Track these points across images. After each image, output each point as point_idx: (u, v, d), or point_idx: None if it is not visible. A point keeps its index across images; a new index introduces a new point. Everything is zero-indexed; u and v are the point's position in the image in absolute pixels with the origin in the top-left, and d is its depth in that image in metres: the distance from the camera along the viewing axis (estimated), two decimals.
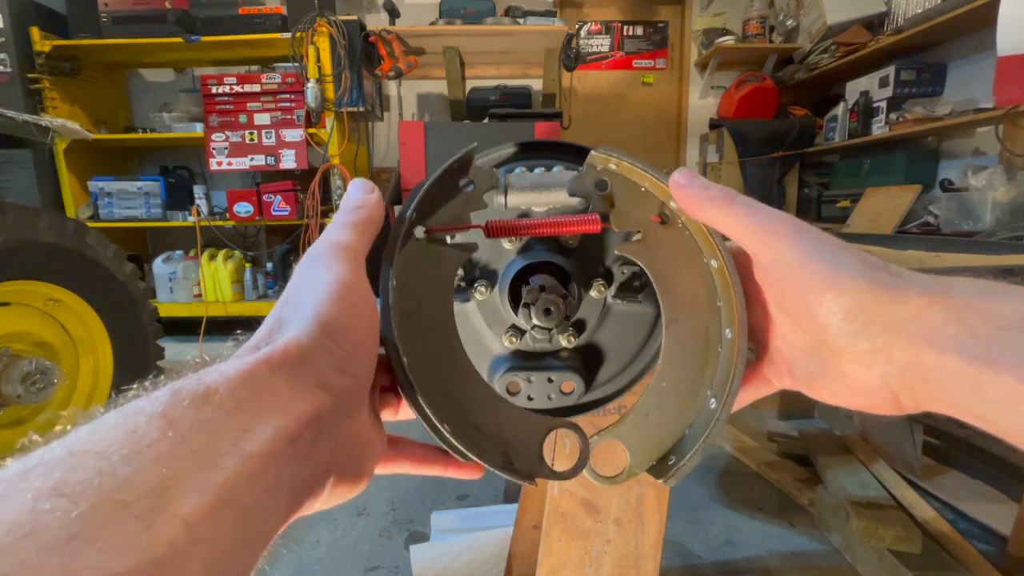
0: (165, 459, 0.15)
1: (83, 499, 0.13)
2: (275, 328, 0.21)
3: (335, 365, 0.21)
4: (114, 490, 0.14)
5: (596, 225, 0.32)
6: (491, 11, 2.66)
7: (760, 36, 3.43)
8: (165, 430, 0.15)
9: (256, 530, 0.17)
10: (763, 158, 3.20)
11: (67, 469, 0.14)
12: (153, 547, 0.14)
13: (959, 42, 2.47)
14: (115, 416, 0.16)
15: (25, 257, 1.25)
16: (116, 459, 0.14)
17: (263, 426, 0.18)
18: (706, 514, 1.35)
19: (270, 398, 0.18)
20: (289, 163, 2.68)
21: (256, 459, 0.17)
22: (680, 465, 0.29)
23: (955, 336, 0.20)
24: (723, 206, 0.26)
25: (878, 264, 0.24)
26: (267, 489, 0.17)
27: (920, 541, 1.09)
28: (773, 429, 1.73)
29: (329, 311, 0.21)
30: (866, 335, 0.22)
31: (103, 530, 0.13)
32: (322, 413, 0.20)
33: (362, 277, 0.24)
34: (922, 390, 0.22)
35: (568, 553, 0.48)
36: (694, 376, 0.31)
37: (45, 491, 0.13)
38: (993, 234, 1.85)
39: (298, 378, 0.19)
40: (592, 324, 0.41)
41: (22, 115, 1.49)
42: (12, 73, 2.59)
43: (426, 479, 1.53)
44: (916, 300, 0.21)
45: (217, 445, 0.16)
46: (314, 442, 0.19)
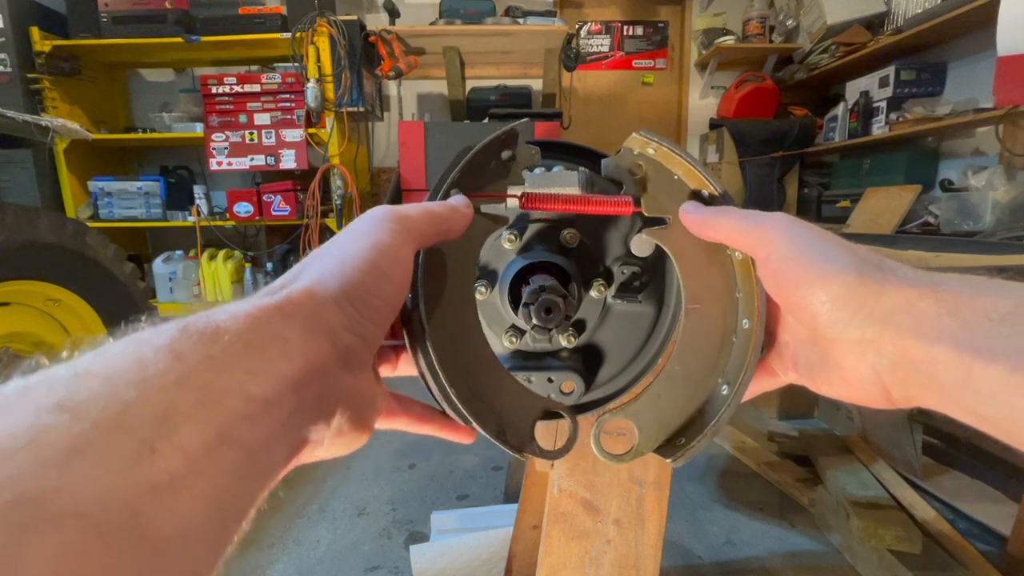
0: (170, 390, 0.15)
1: (86, 417, 0.13)
2: (294, 277, 0.22)
3: (347, 324, 0.21)
4: (117, 413, 0.14)
5: (628, 207, 0.32)
6: (491, 11, 2.65)
7: (760, 36, 3.42)
8: (172, 363, 0.16)
9: (257, 470, 0.17)
10: (763, 158, 3.20)
11: (71, 388, 0.14)
12: (152, 472, 0.14)
13: (959, 42, 2.47)
14: (122, 345, 0.16)
15: (25, 257, 1.25)
16: (121, 384, 0.14)
17: (269, 370, 0.18)
18: (706, 514, 1.35)
19: (279, 345, 0.19)
20: (289, 163, 2.68)
21: (259, 402, 0.17)
22: (689, 446, 0.30)
23: (946, 328, 0.20)
24: (722, 219, 0.28)
25: (869, 258, 0.24)
26: (269, 431, 0.18)
27: (920, 541, 1.09)
28: (773, 429, 1.73)
29: (354, 275, 0.22)
30: (855, 324, 0.23)
31: (104, 449, 0.13)
32: (327, 366, 0.20)
33: (404, 247, 0.24)
34: (913, 382, 0.22)
35: (568, 553, 0.48)
36: (708, 362, 0.31)
37: (47, 406, 0.13)
38: (993, 234, 1.85)
39: (308, 329, 0.20)
40: (592, 324, 0.41)
41: (22, 115, 1.49)
42: (12, 73, 2.59)
43: (426, 479, 1.53)
44: (906, 292, 0.22)
45: (222, 383, 0.16)
46: (317, 392, 0.20)
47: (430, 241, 0.26)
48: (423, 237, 0.25)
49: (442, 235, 0.27)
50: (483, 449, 1.69)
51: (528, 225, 0.40)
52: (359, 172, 2.94)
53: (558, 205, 0.33)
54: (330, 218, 2.69)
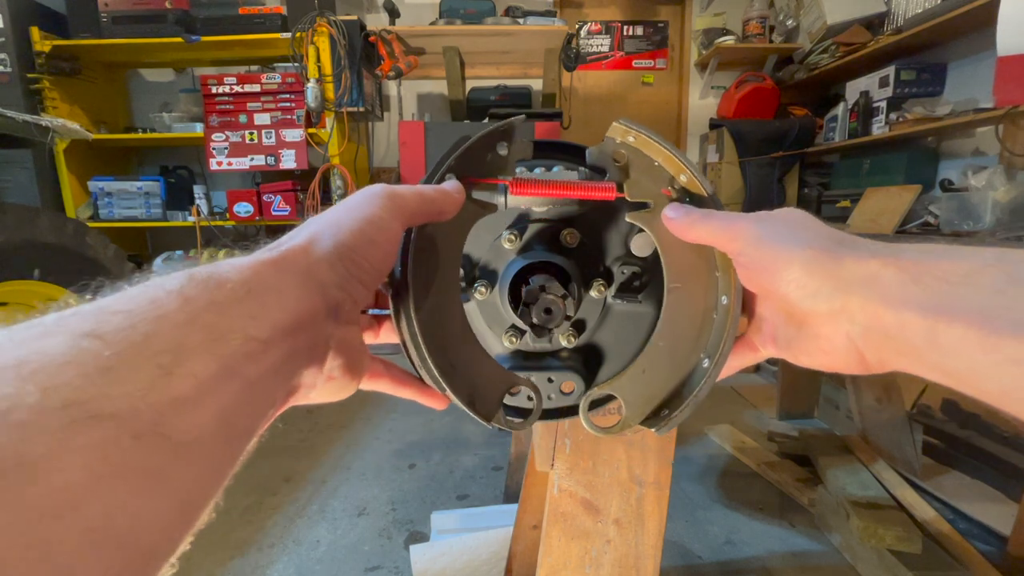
0: (181, 327, 0.17)
1: (114, 343, 0.16)
2: (290, 238, 0.24)
3: (337, 282, 0.24)
4: (139, 342, 0.16)
5: (611, 193, 0.34)
6: (491, 11, 2.65)
7: (760, 36, 3.42)
8: (182, 304, 0.18)
9: (256, 401, 0.20)
10: (763, 158, 3.20)
11: (99, 320, 0.16)
12: (171, 390, 0.16)
13: (959, 42, 2.47)
14: (137, 288, 0.18)
15: (25, 257, 1.25)
16: (139, 320, 0.17)
17: (266, 316, 0.20)
18: (706, 514, 1.35)
19: (275, 294, 0.21)
20: (289, 163, 2.68)
21: (258, 342, 0.19)
22: (672, 416, 0.32)
23: (910, 293, 0.22)
24: (700, 223, 0.31)
25: (832, 235, 0.27)
26: (266, 368, 0.20)
27: (920, 541, 1.09)
28: (773, 429, 1.73)
29: (347, 238, 0.24)
30: (823, 297, 0.25)
31: (130, 369, 0.16)
32: (317, 316, 0.23)
33: (394, 221, 0.26)
34: (884, 346, 0.24)
35: (568, 553, 0.48)
36: (690, 338, 0.33)
37: (82, 332, 0.16)
38: (993, 234, 1.85)
39: (301, 282, 0.22)
40: (592, 324, 0.41)
41: (22, 115, 1.49)
42: (12, 73, 2.59)
43: (426, 479, 1.53)
44: (867, 263, 0.24)
45: (226, 324, 0.19)
46: (309, 339, 0.22)
47: (420, 220, 0.28)
48: (413, 216, 0.28)
49: (433, 216, 0.29)
50: (483, 449, 1.69)
51: (528, 225, 0.40)
52: (359, 172, 2.94)
53: (545, 190, 0.34)
54: None
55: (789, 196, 3.33)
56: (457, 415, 1.93)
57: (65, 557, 0.13)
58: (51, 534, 0.13)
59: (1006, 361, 0.19)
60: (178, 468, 0.16)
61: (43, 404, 0.13)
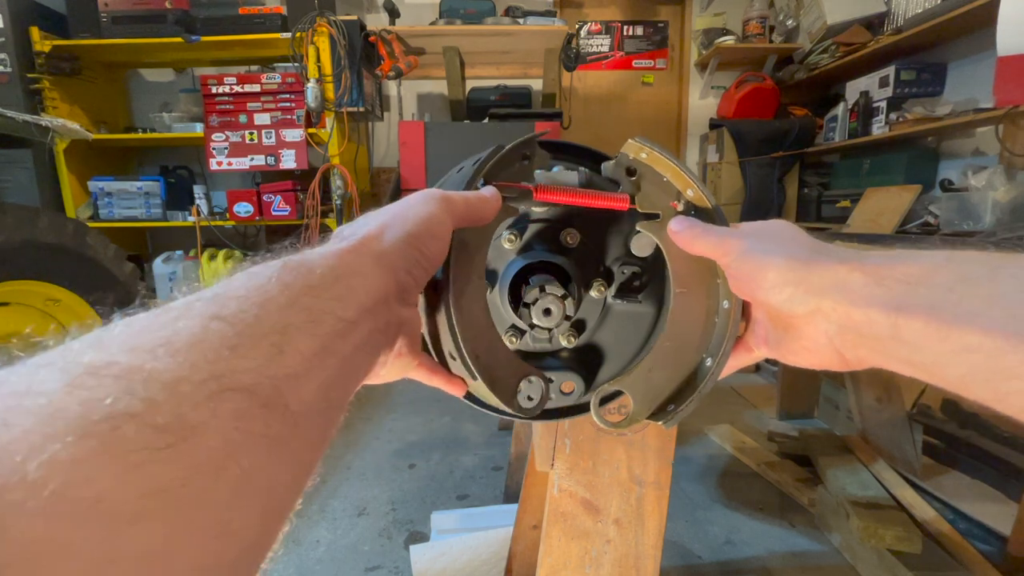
0: (284, 310, 0.20)
1: (235, 324, 0.18)
2: (359, 227, 0.27)
3: (405, 266, 0.26)
4: (253, 323, 0.18)
5: (625, 203, 0.36)
6: (491, 11, 2.65)
7: (760, 36, 3.42)
8: (282, 289, 0.20)
9: (348, 376, 0.22)
10: (763, 158, 3.20)
11: (219, 305, 0.18)
12: (284, 366, 0.18)
13: (959, 42, 2.47)
14: (242, 276, 0.20)
15: (25, 257, 1.25)
16: (249, 304, 0.19)
17: (351, 298, 0.23)
18: (706, 514, 1.35)
19: (358, 278, 0.23)
20: (289, 163, 2.68)
21: (347, 322, 0.22)
22: (678, 411, 0.35)
23: (874, 294, 0.25)
24: (702, 237, 0.34)
25: (809, 245, 0.30)
26: (354, 346, 0.22)
27: (920, 541, 1.09)
28: (773, 429, 1.73)
29: (414, 229, 0.27)
30: (798, 301, 0.28)
31: (251, 348, 0.18)
32: (390, 297, 0.25)
33: (447, 220, 0.29)
34: (858, 343, 0.27)
35: (568, 553, 0.48)
36: (694, 339, 0.36)
37: (208, 315, 0.18)
38: (993, 234, 1.85)
39: (378, 265, 0.25)
40: (592, 324, 0.41)
41: (22, 115, 1.49)
42: (12, 73, 2.59)
43: (426, 479, 1.53)
44: (836, 269, 0.27)
45: (320, 306, 0.21)
46: (384, 318, 0.25)
47: (465, 223, 0.31)
48: (461, 219, 0.30)
49: (475, 220, 0.31)
50: (483, 449, 1.69)
51: (528, 225, 0.40)
52: (359, 172, 2.94)
53: (566, 197, 0.36)
54: (330, 218, 2.69)
55: (789, 196, 3.33)
56: (457, 415, 1.93)
57: (222, 508, 0.15)
58: (210, 487, 0.14)
59: (961, 349, 0.21)
60: (296, 435, 0.18)
61: (191, 377, 0.15)
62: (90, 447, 0.12)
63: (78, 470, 0.12)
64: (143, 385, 0.14)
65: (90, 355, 0.15)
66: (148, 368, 0.15)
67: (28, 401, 0.13)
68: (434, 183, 0.43)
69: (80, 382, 0.14)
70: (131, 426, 0.13)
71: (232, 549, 0.15)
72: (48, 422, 0.12)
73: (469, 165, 0.37)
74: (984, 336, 0.21)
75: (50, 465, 0.12)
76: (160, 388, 0.14)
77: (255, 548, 0.16)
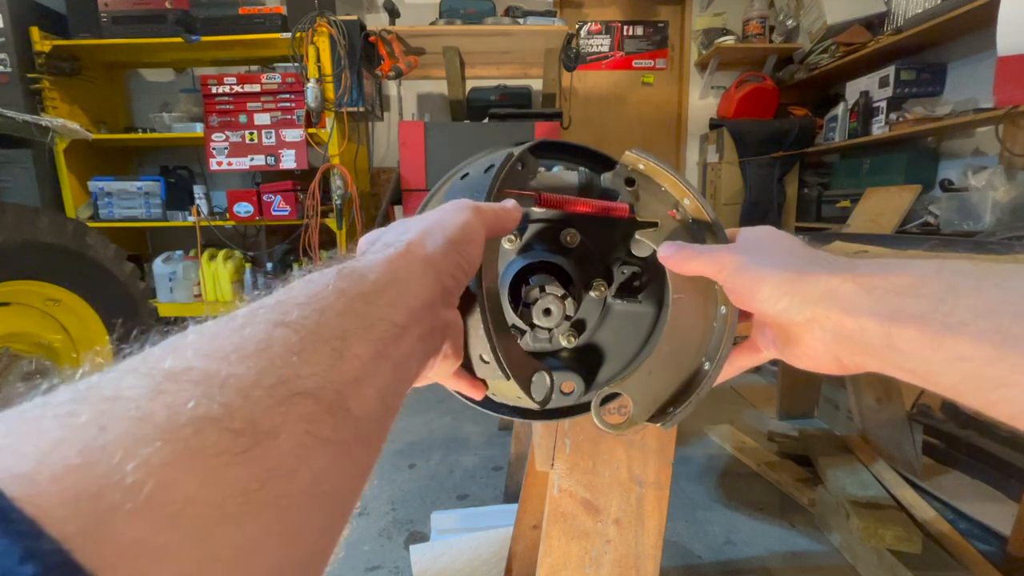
0: (341, 316, 0.20)
1: (298, 331, 0.18)
2: (402, 232, 0.28)
3: (449, 269, 0.27)
4: (314, 330, 0.19)
5: (625, 212, 0.37)
6: (491, 11, 2.65)
7: (760, 36, 3.42)
8: (338, 296, 0.21)
9: (400, 380, 0.23)
10: (763, 158, 3.20)
11: (282, 312, 0.19)
12: (345, 371, 0.19)
13: (959, 42, 2.47)
14: (300, 284, 0.21)
15: (25, 257, 1.25)
16: (309, 311, 0.19)
17: (402, 303, 0.23)
18: (706, 514, 1.35)
19: (407, 283, 0.24)
20: (289, 163, 2.68)
21: (400, 327, 0.22)
22: (676, 413, 0.36)
23: (866, 304, 0.26)
24: (693, 259, 0.35)
25: (803, 256, 0.31)
26: (407, 349, 0.23)
27: (920, 541, 1.09)
28: (773, 429, 1.73)
29: (455, 234, 0.28)
30: (794, 310, 0.29)
31: (313, 353, 0.18)
32: (435, 301, 0.26)
33: (481, 228, 0.30)
34: (855, 351, 0.27)
35: (568, 553, 0.48)
36: (692, 343, 0.37)
37: (273, 321, 0.18)
38: (993, 234, 1.85)
39: (424, 270, 0.25)
40: (592, 324, 0.41)
41: (22, 115, 1.49)
42: (12, 73, 2.59)
43: (426, 479, 1.53)
44: (829, 279, 0.27)
45: (374, 312, 0.22)
46: (431, 321, 0.26)
47: (493, 234, 0.32)
48: (491, 229, 0.31)
49: (501, 231, 0.32)
50: (483, 449, 1.69)
51: (528, 225, 0.40)
52: (359, 172, 2.94)
53: (567, 205, 0.37)
54: (330, 218, 2.69)
55: (789, 196, 3.33)
56: (457, 415, 1.93)
57: (295, 512, 0.15)
58: (284, 491, 0.15)
59: (953, 358, 0.22)
60: (357, 439, 0.18)
61: (261, 382, 0.16)
62: (177, 451, 0.13)
63: (168, 473, 0.12)
64: (220, 390, 0.15)
65: (169, 361, 0.15)
66: (224, 374, 0.15)
67: (119, 407, 0.13)
68: (434, 183, 0.43)
69: (163, 387, 0.14)
70: (212, 430, 0.14)
71: (304, 551, 0.16)
72: (138, 426, 0.13)
73: (476, 172, 0.37)
74: (974, 346, 0.21)
75: (145, 468, 0.12)
76: (235, 393, 0.15)
77: (324, 551, 0.17)
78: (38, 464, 0.11)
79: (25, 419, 0.13)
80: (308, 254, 2.70)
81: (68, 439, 0.12)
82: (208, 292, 2.81)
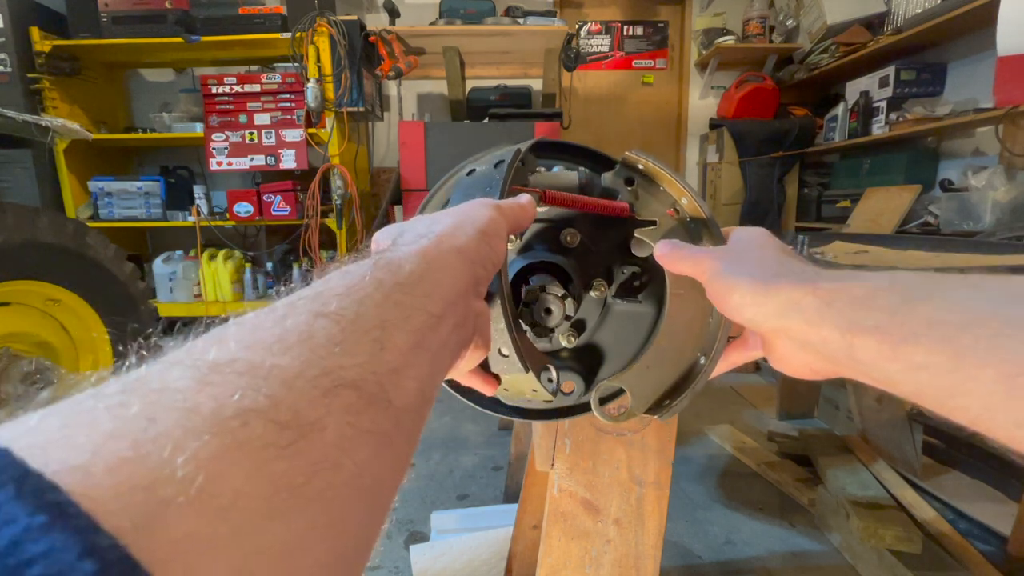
0: (380, 306, 0.20)
1: (339, 321, 0.18)
2: (431, 224, 0.28)
3: (479, 260, 0.27)
4: (353, 320, 0.19)
5: (626, 211, 0.38)
6: (491, 11, 2.65)
7: (760, 36, 3.42)
8: (376, 286, 0.21)
9: (437, 370, 0.23)
10: (763, 158, 3.20)
11: (321, 303, 0.19)
12: (386, 362, 0.19)
13: (959, 42, 2.47)
14: (337, 275, 0.21)
15: (25, 257, 1.25)
16: (348, 302, 0.19)
17: (437, 293, 0.23)
18: (706, 514, 1.35)
19: (442, 272, 0.24)
20: (289, 163, 2.68)
21: (435, 317, 0.22)
22: (672, 406, 0.37)
23: (826, 315, 0.27)
24: (682, 259, 0.35)
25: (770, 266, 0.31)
26: (442, 340, 0.23)
27: (920, 541, 1.09)
28: (773, 429, 1.73)
29: (485, 226, 0.29)
30: (762, 319, 0.30)
31: (354, 344, 0.18)
32: (467, 290, 0.26)
33: (503, 223, 0.31)
34: (820, 359, 0.28)
35: (568, 553, 0.48)
36: (689, 339, 0.38)
37: (313, 312, 0.18)
38: (993, 234, 1.85)
39: (458, 259, 0.26)
40: (592, 324, 0.41)
41: (22, 115, 1.49)
42: (12, 73, 2.59)
43: (426, 479, 1.53)
44: (791, 292, 0.28)
45: (411, 302, 0.22)
46: (463, 311, 0.26)
47: (514, 230, 0.32)
48: (512, 225, 0.32)
49: (518, 228, 0.33)
50: (483, 449, 1.69)
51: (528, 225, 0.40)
52: (359, 172, 2.94)
53: (570, 203, 0.37)
54: (330, 218, 2.69)
55: (789, 196, 3.33)
56: (457, 415, 1.93)
57: (340, 505, 0.15)
58: (329, 485, 0.15)
59: (909, 367, 0.23)
60: (398, 431, 0.18)
61: (305, 373, 0.16)
62: (224, 444, 0.13)
63: (216, 466, 0.12)
64: (265, 381, 0.15)
65: (214, 352, 0.15)
66: (268, 365, 0.15)
67: (167, 398, 0.13)
68: (434, 183, 0.43)
69: (209, 379, 0.14)
70: (259, 423, 0.14)
71: (349, 544, 0.16)
72: (187, 418, 0.13)
73: (485, 168, 0.37)
74: (928, 356, 0.22)
75: (195, 462, 0.12)
76: (280, 384, 0.15)
77: (368, 543, 0.17)
78: (93, 456, 0.11)
79: (79, 410, 0.13)
80: (308, 254, 2.70)
81: (120, 431, 0.12)
82: (208, 292, 2.81)
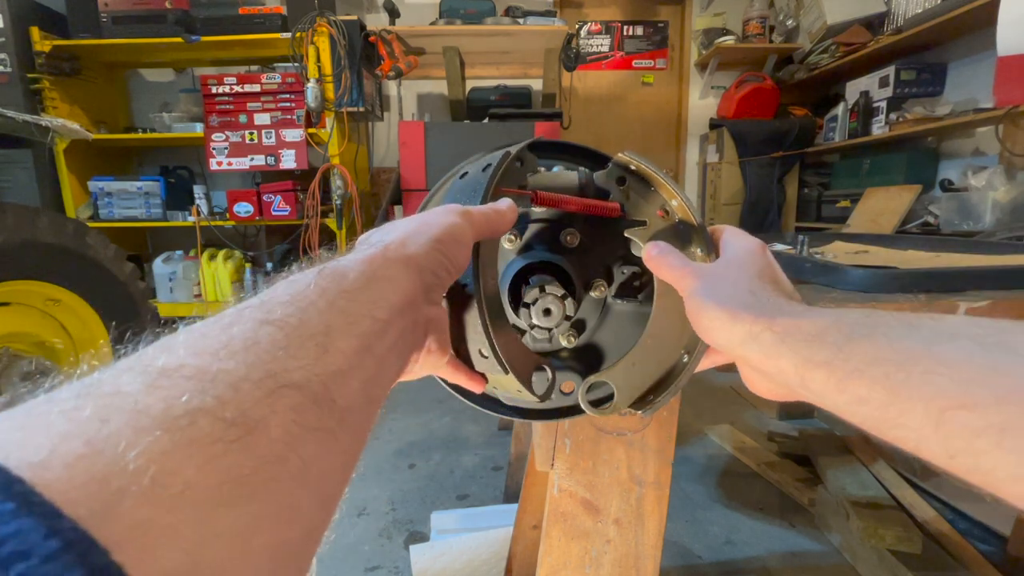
0: (324, 313, 0.21)
1: (283, 328, 0.19)
2: (387, 232, 0.29)
3: (431, 267, 0.28)
4: (298, 326, 0.20)
5: (616, 212, 0.39)
6: (491, 11, 2.65)
7: (760, 36, 3.42)
8: (320, 294, 0.21)
9: (384, 373, 0.24)
10: (763, 158, 3.20)
11: (266, 311, 0.20)
12: (329, 364, 0.20)
13: (959, 42, 2.47)
14: (283, 284, 0.22)
15: (25, 257, 1.25)
16: (293, 308, 0.20)
17: (384, 300, 0.24)
18: (706, 514, 1.35)
19: (387, 281, 0.25)
20: (289, 163, 2.68)
21: (382, 323, 0.23)
22: (656, 401, 0.38)
23: (780, 350, 0.28)
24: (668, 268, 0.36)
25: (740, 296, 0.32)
26: (389, 344, 0.24)
27: (920, 541, 1.09)
28: (773, 429, 1.73)
29: (439, 234, 0.29)
30: (727, 346, 0.31)
31: (299, 348, 0.19)
32: (417, 297, 0.27)
33: (468, 232, 0.31)
34: (779, 386, 0.30)
35: (568, 553, 0.48)
36: (673, 337, 0.38)
37: (258, 320, 0.19)
38: (993, 234, 1.85)
39: (406, 267, 0.26)
40: (592, 324, 0.41)
41: (22, 115, 1.49)
42: (12, 73, 2.59)
43: (426, 479, 1.53)
44: (751, 325, 0.30)
45: (356, 309, 0.22)
46: (413, 317, 0.26)
47: (485, 236, 0.33)
48: (480, 232, 0.32)
49: (494, 233, 0.33)
50: (483, 449, 1.69)
51: (528, 225, 0.40)
52: (359, 172, 2.94)
53: (560, 204, 0.37)
54: (330, 218, 2.69)
55: (789, 196, 3.33)
56: (457, 415, 1.93)
57: (288, 495, 0.16)
58: (276, 476, 0.16)
59: (853, 400, 0.25)
60: (343, 428, 0.19)
61: (250, 376, 0.17)
62: (175, 440, 0.14)
63: (167, 460, 0.13)
64: (212, 384, 0.16)
65: (163, 359, 0.16)
66: (215, 369, 0.16)
67: (118, 401, 0.14)
68: (434, 183, 0.43)
69: (158, 383, 0.15)
70: (206, 421, 0.15)
71: (298, 532, 0.17)
72: (138, 418, 0.14)
73: (475, 171, 0.37)
74: (870, 390, 0.24)
75: (146, 455, 0.13)
76: (226, 387, 0.16)
77: (316, 531, 0.18)
78: (51, 454, 0.12)
79: (33, 415, 0.14)
80: (308, 254, 2.70)
81: (74, 432, 0.13)
82: (208, 292, 2.81)
